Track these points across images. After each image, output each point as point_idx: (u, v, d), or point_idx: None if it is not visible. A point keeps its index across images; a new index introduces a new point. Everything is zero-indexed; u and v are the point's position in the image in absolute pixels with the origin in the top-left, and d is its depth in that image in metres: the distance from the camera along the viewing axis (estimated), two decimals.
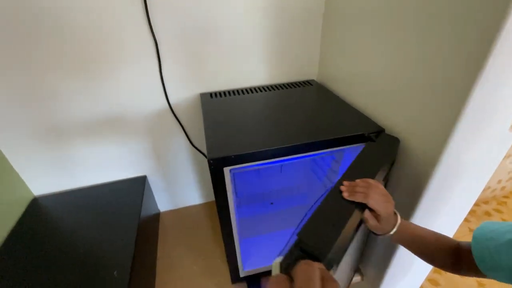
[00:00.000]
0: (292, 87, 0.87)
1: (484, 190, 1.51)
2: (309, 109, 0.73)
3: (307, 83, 0.90)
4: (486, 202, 1.63)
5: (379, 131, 0.58)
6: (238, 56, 0.83)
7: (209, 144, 0.55)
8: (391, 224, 0.44)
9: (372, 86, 0.64)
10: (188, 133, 0.91)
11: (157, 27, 0.72)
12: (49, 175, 0.86)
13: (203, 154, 0.96)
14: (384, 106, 0.61)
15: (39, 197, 0.88)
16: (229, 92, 0.85)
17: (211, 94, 0.84)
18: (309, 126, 0.62)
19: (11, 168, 0.80)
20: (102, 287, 0.61)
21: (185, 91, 0.84)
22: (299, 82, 0.90)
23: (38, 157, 0.82)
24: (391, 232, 0.44)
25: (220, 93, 0.84)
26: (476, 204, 1.63)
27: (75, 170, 0.87)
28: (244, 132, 0.60)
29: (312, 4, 0.80)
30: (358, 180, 0.43)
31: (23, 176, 0.84)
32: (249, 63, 0.85)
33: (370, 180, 0.43)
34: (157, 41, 0.73)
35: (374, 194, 0.41)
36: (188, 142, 0.93)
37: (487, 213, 1.56)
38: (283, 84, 0.89)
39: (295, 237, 0.35)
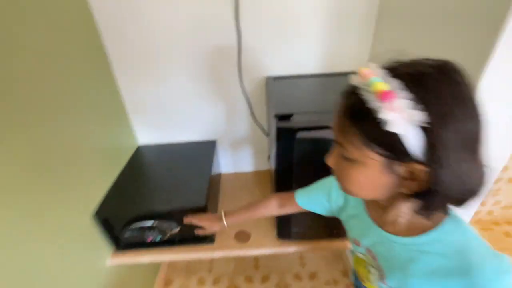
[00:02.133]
0: (344, 75, 1.02)
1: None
2: None
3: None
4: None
5: None
6: (299, 45, 1.01)
7: (274, 105, 0.74)
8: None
9: None
10: (253, 110, 1.13)
11: (242, 21, 0.93)
12: (149, 130, 1.16)
13: (263, 129, 1.17)
14: None
15: (140, 146, 1.19)
16: (289, 76, 1.04)
17: (274, 78, 1.03)
18: None
19: (129, 121, 1.12)
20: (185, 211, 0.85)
21: (255, 73, 1.05)
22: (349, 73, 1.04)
23: (148, 116, 1.12)
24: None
25: (282, 77, 1.03)
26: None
27: (167, 128, 1.16)
28: (303, 105, 0.78)
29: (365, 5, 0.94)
30: None
31: (135, 128, 1.15)
32: (307, 52, 1.02)
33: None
34: (240, 33, 0.95)
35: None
36: (251, 117, 1.15)
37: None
38: (336, 72, 1.04)
39: None
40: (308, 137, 0.68)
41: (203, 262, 1.50)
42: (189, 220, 0.80)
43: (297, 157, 0.71)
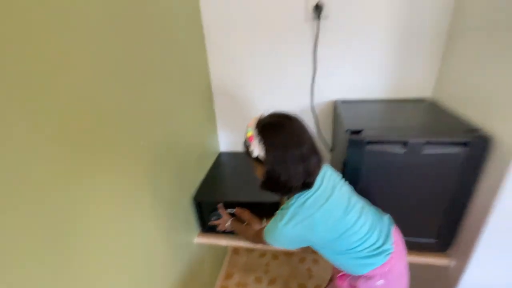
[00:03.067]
0: (407, 102, 1.12)
1: None
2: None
3: (420, 100, 1.13)
4: None
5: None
6: (365, 71, 1.15)
7: (344, 122, 0.89)
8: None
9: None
10: (320, 128, 1.29)
11: (320, 51, 1.13)
12: (230, 140, 1.41)
13: (327, 144, 1.32)
14: None
15: (222, 153, 1.44)
16: (355, 101, 1.18)
17: (342, 101, 1.19)
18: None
19: (216, 131, 1.39)
20: None
21: (323, 97, 1.23)
22: (413, 99, 1.14)
23: (231, 129, 1.38)
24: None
25: (349, 101, 1.18)
26: None
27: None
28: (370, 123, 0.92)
29: (434, 22, 1.03)
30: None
31: (220, 137, 1.42)
32: (372, 76, 1.16)
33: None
34: (316, 67, 1.15)
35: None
36: (318, 135, 1.31)
37: None
38: (399, 99, 1.15)
39: None
40: (376, 150, 0.82)
41: (260, 264, 1.64)
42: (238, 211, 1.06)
43: (366, 169, 0.84)
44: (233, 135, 1.41)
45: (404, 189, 0.87)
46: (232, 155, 1.42)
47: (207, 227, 1.13)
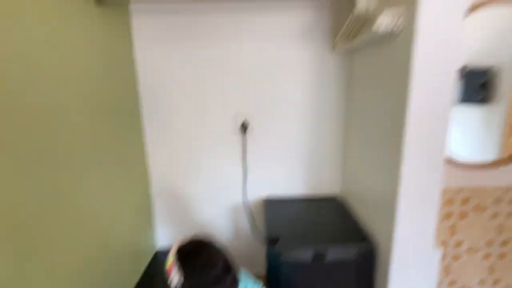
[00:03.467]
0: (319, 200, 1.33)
1: None
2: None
3: (331, 197, 1.35)
4: None
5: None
6: (286, 173, 1.36)
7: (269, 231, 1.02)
8: None
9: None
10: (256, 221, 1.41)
11: (249, 158, 1.32)
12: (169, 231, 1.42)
13: (261, 238, 1.42)
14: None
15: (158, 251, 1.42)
16: (279, 200, 1.35)
17: (269, 200, 1.35)
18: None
19: (154, 227, 1.40)
20: None
21: (254, 194, 1.38)
22: (325, 198, 1.36)
23: (171, 218, 1.40)
24: None
25: (273, 200, 1.35)
26: None
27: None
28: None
29: (334, 138, 1.33)
30: None
31: (157, 233, 1.42)
32: (292, 177, 1.37)
33: None
34: (246, 169, 1.33)
35: None
36: (251, 230, 1.41)
37: None
38: (315, 197, 1.36)
39: None
40: (289, 259, 0.94)
41: None
42: None
43: (283, 277, 0.95)
44: (172, 232, 1.43)
45: None
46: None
47: None
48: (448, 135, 0.77)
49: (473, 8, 1.10)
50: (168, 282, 0.75)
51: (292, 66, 1.25)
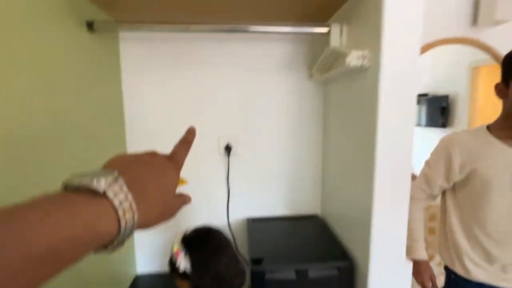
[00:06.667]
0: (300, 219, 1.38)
1: None
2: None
3: (311, 216, 1.40)
4: None
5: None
6: (269, 193, 1.41)
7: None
8: None
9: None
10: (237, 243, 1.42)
11: (232, 179, 1.36)
12: (150, 258, 1.38)
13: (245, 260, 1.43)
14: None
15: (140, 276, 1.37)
16: (262, 219, 1.38)
17: (252, 219, 1.38)
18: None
19: (134, 250, 1.36)
20: None
21: (238, 214, 1.40)
22: (306, 216, 1.42)
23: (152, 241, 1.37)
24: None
25: (256, 219, 1.38)
26: None
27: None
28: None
29: (313, 159, 1.41)
30: None
31: (137, 257, 1.38)
32: (274, 198, 1.41)
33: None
34: (229, 190, 1.36)
35: None
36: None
37: None
38: (297, 216, 1.41)
39: None
40: (274, 278, 0.96)
41: None
42: None
43: None
44: (153, 256, 1.40)
45: None
46: (151, 277, 1.37)
47: None
48: (412, 154, 0.86)
49: (426, 48, 1.28)
50: (176, 266, 0.74)
51: (273, 94, 1.35)
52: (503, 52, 1.30)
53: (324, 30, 1.02)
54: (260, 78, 1.32)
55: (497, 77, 0.99)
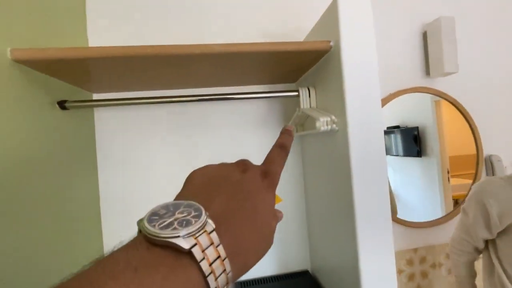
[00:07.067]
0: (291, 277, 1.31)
1: None
2: None
3: (302, 273, 1.34)
4: None
5: None
6: None
7: None
8: None
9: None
10: None
11: None
12: None
13: None
14: None
15: None
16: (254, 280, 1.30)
17: (241, 283, 1.29)
18: None
19: None
20: None
21: None
22: (297, 273, 1.35)
23: None
24: None
25: (243, 283, 1.29)
26: None
27: None
28: None
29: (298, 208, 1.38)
30: None
31: None
32: (263, 260, 1.35)
33: None
34: None
35: None
36: None
37: None
38: (285, 274, 1.34)
39: None
40: None
41: None
42: None
43: None
44: None
45: None
46: None
47: None
48: (388, 199, 0.86)
49: (389, 98, 1.39)
50: None
51: (251, 147, 1.36)
52: (455, 97, 1.44)
53: (293, 94, 1.08)
54: (238, 136, 1.35)
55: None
